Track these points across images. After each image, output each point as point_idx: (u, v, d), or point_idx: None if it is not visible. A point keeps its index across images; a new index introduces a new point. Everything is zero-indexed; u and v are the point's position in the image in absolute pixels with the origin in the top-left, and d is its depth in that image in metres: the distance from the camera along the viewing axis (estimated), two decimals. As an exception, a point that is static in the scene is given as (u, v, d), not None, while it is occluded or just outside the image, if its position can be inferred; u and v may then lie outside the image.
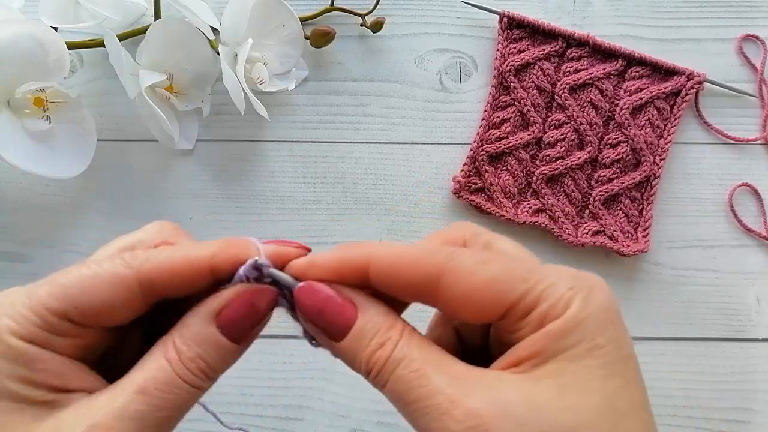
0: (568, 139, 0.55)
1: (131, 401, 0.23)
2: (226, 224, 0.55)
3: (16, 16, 0.49)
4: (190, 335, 0.25)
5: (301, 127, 0.56)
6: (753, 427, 0.52)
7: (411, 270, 0.24)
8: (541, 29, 0.56)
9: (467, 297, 0.24)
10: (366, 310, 0.25)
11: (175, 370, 0.24)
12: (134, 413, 0.23)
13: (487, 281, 0.24)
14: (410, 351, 0.24)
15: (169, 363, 0.24)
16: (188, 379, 0.24)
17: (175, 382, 0.24)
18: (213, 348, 0.25)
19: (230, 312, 0.25)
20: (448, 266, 0.24)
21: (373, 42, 0.57)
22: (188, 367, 0.24)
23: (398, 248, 0.25)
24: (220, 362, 0.25)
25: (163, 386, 0.24)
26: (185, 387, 0.24)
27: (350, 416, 0.52)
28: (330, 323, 0.25)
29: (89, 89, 0.56)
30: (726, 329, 0.54)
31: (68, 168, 0.50)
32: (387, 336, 0.24)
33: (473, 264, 0.24)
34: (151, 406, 0.23)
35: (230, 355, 0.25)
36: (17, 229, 0.54)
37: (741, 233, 0.55)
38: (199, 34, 0.52)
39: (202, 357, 0.24)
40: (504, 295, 0.24)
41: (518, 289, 0.24)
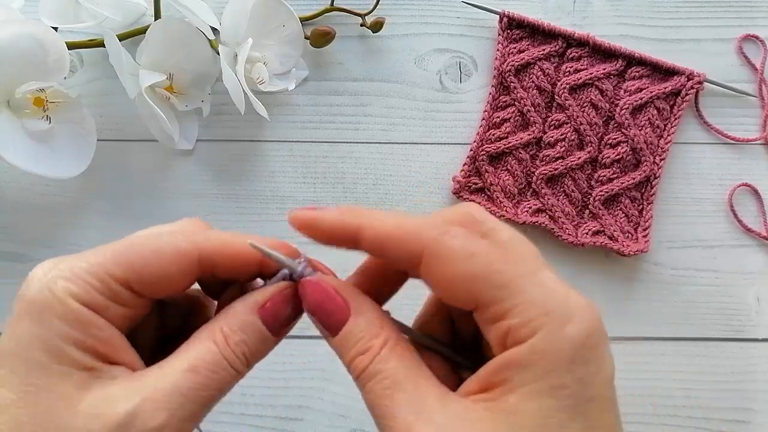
0: (568, 139, 0.55)
1: (182, 378, 0.24)
2: (226, 224, 0.55)
3: (16, 16, 0.49)
4: (237, 322, 0.26)
5: (301, 127, 0.56)
6: (753, 427, 0.52)
7: (396, 246, 0.26)
8: (541, 29, 0.56)
9: (443, 283, 0.25)
10: (357, 314, 0.26)
11: (222, 352, 0.26)
12: (184, 390, 0.24)
13: (462, 274, 0.24)
14: (386, 366, 0.25)
15: (216, 345, 0.26)
16: (233, 361, 0.26)
17: (222, 364, 0.25)
18: (255, 335, 0.27)
19: (272, 305, 0.27)
20: (433, 247, 0.25)
21: (373, 42, 0.57)
22: (234, 351, 0.26)
23: (388, 222, 0.26)
24: (259, 350, 0.27)
25: (211, 366, 0.25)
26: (229, 369, 0.26)
27: (350, 416, 0.52)
28: (326, 319, 0.27)
29: (89, 89, 0.56)
30: (726, 329, 0.54)
31: (68, 168, 0.50)
32: (369, 345, 0.25)
33: (456, 252, 0.24)
34: (199, 385, 0.25)
35: (267, 345, 0.27)
36: (17, 229, 0.54)
37: (741, 233, 0.55)
38: (199, 34, 0.52)
39: (246, 342, 0.26)
40: (475, 294, 0.24)
41: (488, 295, 0.24)
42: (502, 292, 0.24)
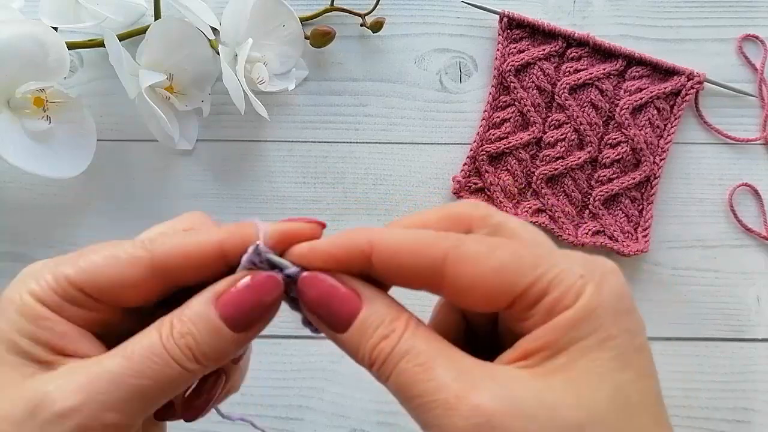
0: (568, 139, 0.55)
1: (115, 364, 0.23)
2: (226, 224, 0.55)
3: (16, 16, 0.49)
4: (187, 313, 0.25)
5: (301, 127, 0.56)
6: (753, 427, 0.52)
7: (415, 257, 0.24)
8: (541, 29, 0.56)
9: (473, 286, 0.23)
10: (371, 301, 0.24)
11: (163, 342, 0.24)
12: (112, 375, 0.23)
13: (494, 269, 0.23)
14: (416, 343, 0.23)
15: (159, 335, 0.24)
16: (174, 353, 0.24)
17: (161, 354, 0.24)
18: (206, 329, 0.24)
19: (230, 296, 0.25)
20: (454, 253, 0.23)
21: (373, 42, 0.57)
22: (176, 342, 0.24)
23: (402, 234, 0.24)
24: (212, 347, 0.24)
25: (148, 353, 0.24)
26: (170, 362, 0.24)
27: (350, 416, 0.52)
28: (333, 314, 0.24)
29: (89, 89, 0.56)
30: (726, 329, 0.54)
31: (68, 168, 0.50)
32: (391, 327, 0.23)
33: (480, 251, 0.23)
34: (130, 371, 0.23)
35: (225, 342, 0.24)
36: (17, 229, 0.54)
37: (741, 233, 0.55)
38: (199, 34, 0.52)
39: (192, 335, 0.24)
40: (512, 284, 0.23)
41: (526, 278, 0.23)
42: (537, 270, 0.23)
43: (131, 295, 0.26)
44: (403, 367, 0.23)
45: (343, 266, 0.25)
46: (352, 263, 0.25)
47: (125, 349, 0.24)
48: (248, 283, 0.25)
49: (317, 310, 0.25)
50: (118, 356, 0.24)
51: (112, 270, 0.25)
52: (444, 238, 0.24)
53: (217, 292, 0.25)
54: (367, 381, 0.27)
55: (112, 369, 0.23)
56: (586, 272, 0.23)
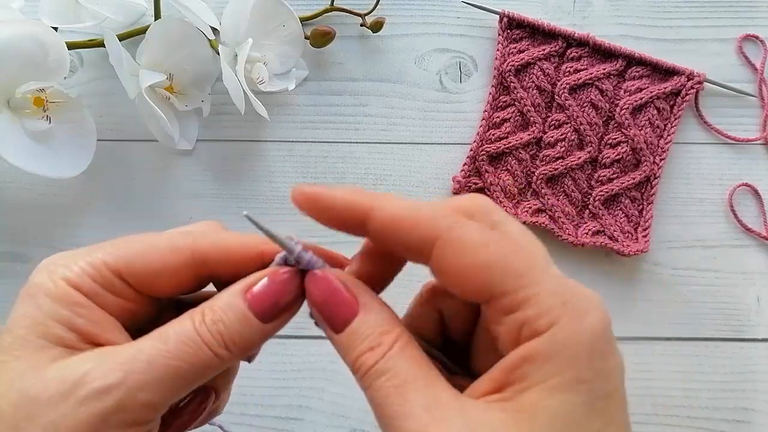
0: (568, 139, 0.55)
1: (148, 345, 0.24)
2: (226, 224, 0.55)
3: (16, 16, 0.49)
4: (219, 303, 0.26)
5: (301, 127, 0.56)
6: (753, 427, 0.52)
7: (409, 229, 0.24)
8: (541, 29, 0.56)
9: (456, 272, 0.23)
10: (367, 310, 0.25)
11: (196, 328, 0.25)
12: (148, 355, 0.24)
13: (478, 264, 0.23)
14: (398, 363, 0.23)
15: (192, 322, 0.25)
16: (207, 339, 0.25)
17: (194, 338, 0.25)
18: (237, 318, 0.25)
19: (262, 288, 0.26)
20: (447, 236, 0.23)
21: (373, 42, 0.57)
22: (209, 329, 0.25)
23: (403, 205, 0.25)
24: (241, 335, 0.25)
25: (183, 338, 0.24)
26: (203, 347, 0.25)
27: (350, 416, 0.52)
28: (332, 314, 0.25)
29: (89, 89, 0.56)
30: (726, 329, 0.54)
31: (68, 168, 0.50)
32: (379, 341, 0.24)
33: (472, 241, 0.23)
34: (165, 352, 0.24)
35: (253, 331, 0.26)
36: (17, 229, 0.54)
37: (741, 233, 0.55)
38: (199, 34, 0.52)
39: (224, 322, 0.25)
40: (491, 284, 0.23)
41: (507, 283, 0.23)
42: (519, 281, 0.23)
43: (167, 283, 0.27)
44: (379, 385, 0.23)
45: (342, 222, 0.26)
46: (348, 221, 0.26)
47: (160, 333, 0.25)
48: (274, 279, 0.26)
49: (320, 307, 0.26)
50: (154, 339, 0.25)
51: (152, 258, 0.26)
52: (444, 216, 0.24)
53: (247, 285, 0.26)
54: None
55: (148, 351, 0.24)
56: (568, 301, 0.22)
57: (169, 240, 0.27)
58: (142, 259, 0.26)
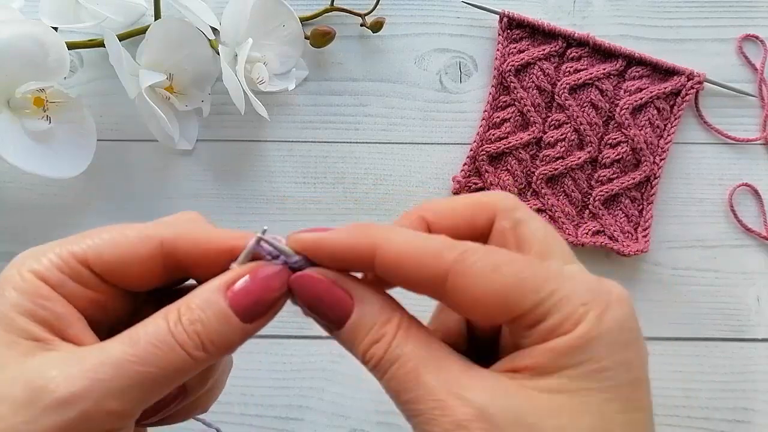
0: (568, 139, 0.55)
1: (119, 349, 0.23)
2: (226, 224, 0.55)
3: (16, 16, 0.49)
4: (196, 300, 0.24)
5: (301, 127, 0.56)
6: (753, 427, 0.52)
7: (418, 267, 0.23)
8: (541, 29, 0.56)
9: (474, 303, 0.23)
10: (362, 303, 0.24)
11: (171, 329, 0.23)
12: (115, 361, 0.23)
13: (495, 290, 0.23)
14: (405, 349, 0.23)
15: (166, 321, 0.24)
16: (181, 339, 0.23)
17: (167, 340, 0.23)
18: (216, 317, 0.24)
19: (241, 285, 0.24)
20: (457, 268, 0.23)
21: (373, 42, 0.57)
22: (185, 329, 0.23)
23: (407, 239, 0.24)
24: (220, 334, 0.24)
25: (154, 340, 0.23)
26: (177, 349, 0.23)
27: (350, 416, 0.52)
28: (327, 313, 0.25)
29: (89, 89, 0.56)
30: (726, 329, 0.54)
31: (68, 168, 0.50)
32: (382, 332, 0.24)
33: (484, 268, 0.23)
34: (135, 357, 0.23)
35: (233, 331, 0.24)
36: (17, 229, 0.54)
37: (741, 233, 0.55)
38: (199, 34, 0.52)
39: (202, 322, 0.24)
40: (512, 305, 0.23)
41: (527, 301, 0.22)
42: (537, 296, 0.22)
43: (136, 274, 0.26)
44: (393, 374, 0.23)
45: (346, 265, 0.25)
46: (354, 263, 0.25)
47: (130, 335, 0.24)
48: (257, 275, 0.25)
49: (312, 308, 0.25)
50: (123, 343, 0.23)
51: (120, 247, 0.25)
52: (449, 248, 0.23)
53: (227, 281, 0.25)
54: (367, 381, 0.27)
55: (116, 355, 0.23)
56: (591, 299, 0.23)
57: (139, 229, 0.26)
58: (110, 248, 0.25)
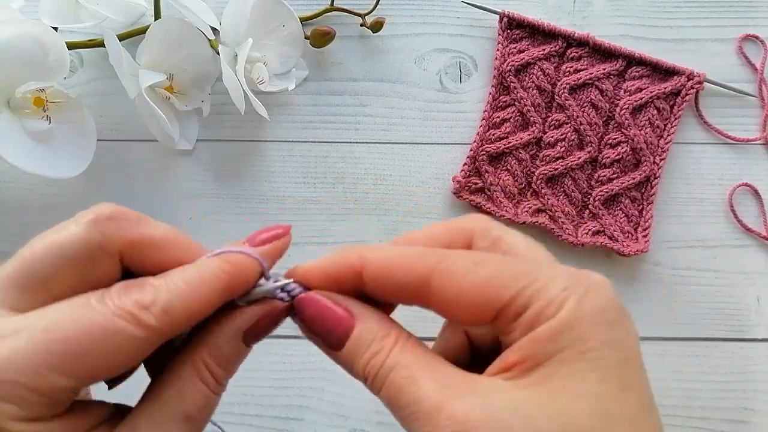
0: (568, 139, 0.55)
1: (179, 429, 0.24)
2: (226, 224, 0.55)
3: (16, 16, 0.49)
4: (223, 356, 0.26)
5: (301, 127, 0.56)
6: (753, 427, 0.52)
7: (402, 272, 0.25)
8: (541, 29, 0.56)
9: (458, 300, 0.24)
10: (363, 320, 0.25)
11: (213, 391, 0.25)
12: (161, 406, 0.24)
13: (476, 284, 0.24)
14: (403, 358, 0.24)
15: (207, 387, 0.25)
16: (219, 392, 0.26)
17: (214, 401, 0.25)
18: (239, 360, 0.27)
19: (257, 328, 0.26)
20: (439, 268, 0.24)
21: (373, 42, 0.57)
22: (223, 385, 0.26)
23: (391, 251, 0.25)
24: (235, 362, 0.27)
25: (206, 410, 0.25)
26: (217, 401, 0.26)
27: (350, 416, 0.52)
28: (329, 333, 0.26)
29: (89, 89, 0.56)
30: (726, 329, 0.54)
31: (68, 168, 0.50)
32: (381, 345, 0.25)
33: (464, 266, 0.24)
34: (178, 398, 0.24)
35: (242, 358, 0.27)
36: (17, 229, 0.54)
37: (741, 233, 0.55)
38: (199, 34, 0.52)
39: (232, 371, 0.26)
40: (494, 298, 0.23)
41: (508, 292, 0.23)
42: (518, 284, 0.23)
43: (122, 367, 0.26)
44: (392, 380, 0.24)
45: (338, 284, 0.26)
46: (345, 280, 0.26)
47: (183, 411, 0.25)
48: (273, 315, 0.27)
49: (314, 329, 0.26)
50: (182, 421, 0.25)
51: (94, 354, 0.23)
52: (430, 254, 0.25)
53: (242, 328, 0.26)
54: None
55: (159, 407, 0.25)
56: (571, 285, 0.23)
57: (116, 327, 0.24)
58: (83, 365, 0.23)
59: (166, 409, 0.25)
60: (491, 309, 0.23)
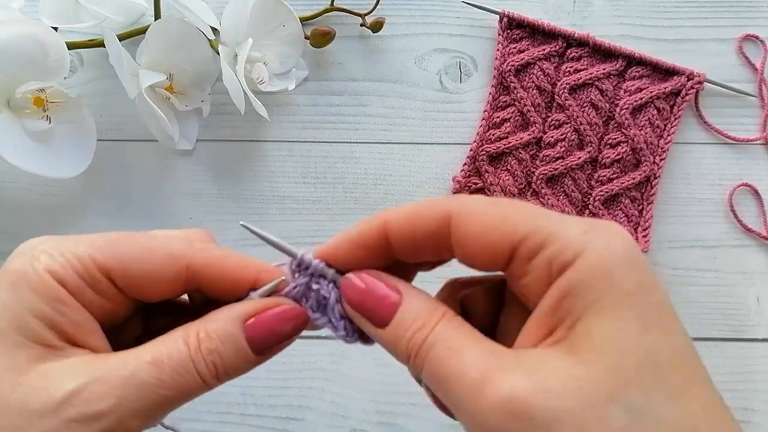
0: (568, 139, 0.55)
1: (141, 369, 0.23)
2: (226, 224, 0.55)
3: (16, 16, 0.49)
4: (216, 329, 0.25)
5: (301, 127, 0.56)
6: (753, 427, 0.52)
7: (424, 220, 0.25)
8: (541, 29, 0.56)
9: (475, 238, 0.24)
10: (409, 296, 0.25)
11: (192, 355, 0.24)
12: (142, 382, 0.23)
13: (493, 221, 0.23)
14: (447, 332, 0.23)
15: (187, 346, 0.24)
16: (201, 369, 0.24)
17: (188, 367, 0.24)
18: (233, 349, 0.25)
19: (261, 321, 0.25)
20: (457, 209, 0.24)
21: (373, 42, 0.57)
22: (204, 358, 0.24)
23: (410, 205, 0.25)
24: (235, 367, 0.25)
25: (176, 365, 0.24)
26: (195, 375, 0.24)
27: (350, 416, 0.52)
28: (375, 309, 0.25)
29: (89, 89, 0.56)
30: (726, 329, 0.54)
31: (68, 168, 0.50)
32: (427, 319, 0.24)
33: (482, 206, 0.24)
34: (158, 381, 0.23)
35: (246, 363, 0.25)
36: (17, 229, 0.54)
37: (741, 233, 0.55)
38: (199, 34, 0.52)
39: (219, 353, 0.25)
40: (509, 233, 0.23)
41: (524, 228, 0.23)
42: (536, 222, 0.23)
43: (157, 290, 0.26)
44: (435, 353, 0.23)
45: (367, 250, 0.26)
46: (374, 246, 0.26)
47: (150, 353, 0.24)
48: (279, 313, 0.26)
49: (359, 307, 0.26)
50: (146, 362, 0.23)
51: (147, 264, 0.25)
52: (450, 198, 0.25)
53: (246, 313, 0.25)
54: (367, 381, 0.27)
55: (140, 375, 0.23)
56: (590, 229, 0.23)
57: (167, 246, 0.26)
58: (136, 262, 0.25)
59: (139, 350, 0.24)
60: (507, 245, 0.23)
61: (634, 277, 0.22)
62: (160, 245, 0.26)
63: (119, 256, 0.25)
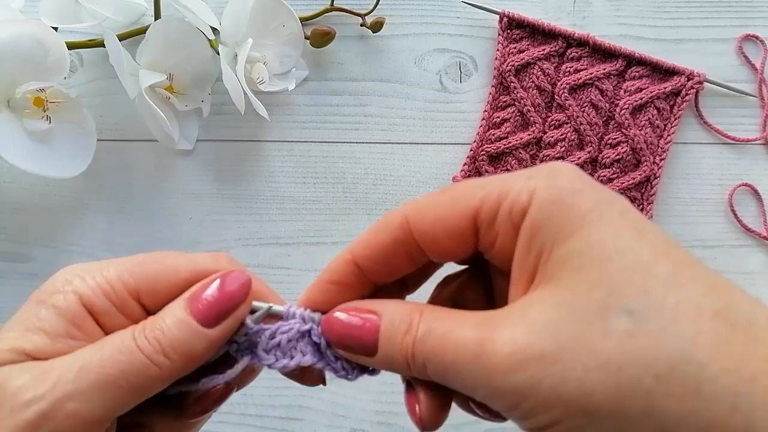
0: (568, 139, 0.55)
1: (83, 352, 0.24)
2: (226, 224, 0.55)
3: (16, 16, 0.49)
4: (158, 314, 0.26)
5: (301, 127, 0.56)
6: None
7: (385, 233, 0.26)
8: (541, 29, 0.56)
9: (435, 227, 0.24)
10: (386, 310, 0.25)
11: (134, 336, 0.24)
12: (81, 364, 0.24)
13: (446, 205, 0.24)
14: (431, 324, 0.24)
15: (132, 331, 0.25)
16: (142, 344, 0.24)
17: (129, 345, 0.24)
18: (174, 321, 0.25)
19: (198, 290, 0.26)
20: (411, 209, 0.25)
21: (373, 42, 0.57)
22: (146, 336, 0.24)
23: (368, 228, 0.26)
24: (180, 340, 0.25)
25: (117, 344, 0.24)
26: (137, 352, 0.24)
27: (350, 416, 0.52)
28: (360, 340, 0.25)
29: (89, 89, 0.56)
30: (726, 329, 0.54)
31: (68, 168, 0.50)
32: (409, 322, 0.24)
33: (431, 198, 0.25)
34: (100, 361, 0.24)
35: (195, 338, 0.25)
36: (17, 229, 0.54)
37: (741, 233, 0.55)
38: (199, 34, 0.52)
39: (162, 329, 0.25)
40: (465, 209, 0.24)
41: (475, 198, 0.24)
42: (485, 188, 0.24)
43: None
44: (429, 347, 0.23)
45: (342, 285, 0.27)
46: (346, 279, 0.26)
47: (99, 343, 0.25)
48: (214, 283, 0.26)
49: (344, 344, 0.26)
50: (91, 348, 0.24)
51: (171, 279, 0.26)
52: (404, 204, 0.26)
53: (191, 293, 0.26)
54: (367, 381, 0.27)
55: (82, 359, 0.24)
56: (533, 173, 0.23)
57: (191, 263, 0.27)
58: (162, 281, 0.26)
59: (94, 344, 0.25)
60: (466, 220, 0.24)
61: (588, 196, 0.22)
62: (185, 263, 0.26)
63: (146, 276, 0.26)
